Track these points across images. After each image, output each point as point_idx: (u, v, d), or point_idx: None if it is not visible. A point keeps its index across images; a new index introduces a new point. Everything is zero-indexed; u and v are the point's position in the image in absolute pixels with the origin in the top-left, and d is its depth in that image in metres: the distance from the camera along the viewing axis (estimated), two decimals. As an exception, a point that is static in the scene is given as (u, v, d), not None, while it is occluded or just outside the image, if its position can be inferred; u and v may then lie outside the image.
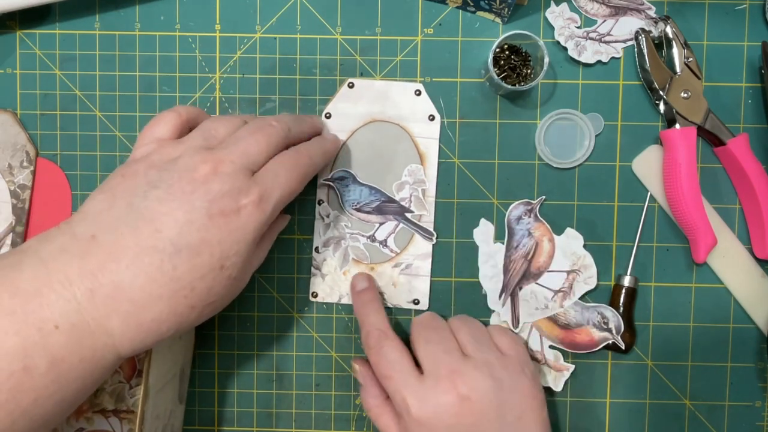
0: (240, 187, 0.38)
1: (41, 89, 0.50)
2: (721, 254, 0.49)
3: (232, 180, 0.37)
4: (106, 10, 0.50)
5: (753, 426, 0.50)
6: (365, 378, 0.46)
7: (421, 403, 0.41)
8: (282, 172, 0.40)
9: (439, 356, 0.43)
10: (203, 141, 0.40)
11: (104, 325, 0.35)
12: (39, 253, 0.36)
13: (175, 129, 0.41)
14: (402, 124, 0.50)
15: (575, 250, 0.49)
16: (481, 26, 0.50)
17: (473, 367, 0.42)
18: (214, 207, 0.37)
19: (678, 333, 0.50)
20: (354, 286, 0.48)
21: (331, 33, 0.50)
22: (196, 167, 0.37)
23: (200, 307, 0.37)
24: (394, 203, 0.50)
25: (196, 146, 0.39)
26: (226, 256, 0.37)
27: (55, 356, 0.34)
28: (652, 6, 0.49)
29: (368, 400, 0.46)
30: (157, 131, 0.41)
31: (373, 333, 0.45)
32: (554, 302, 0.49)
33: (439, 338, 0.44)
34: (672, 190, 0.47)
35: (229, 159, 0.38)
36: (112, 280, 0.35)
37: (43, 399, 0.34)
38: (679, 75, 0.48)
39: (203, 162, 0.38)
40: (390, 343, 0.44)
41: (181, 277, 0.36)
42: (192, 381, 0.51)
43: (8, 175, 0.49)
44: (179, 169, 0.38)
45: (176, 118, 0.41)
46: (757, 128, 0.50)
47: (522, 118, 0.50)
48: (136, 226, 0.36)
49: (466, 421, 0.41)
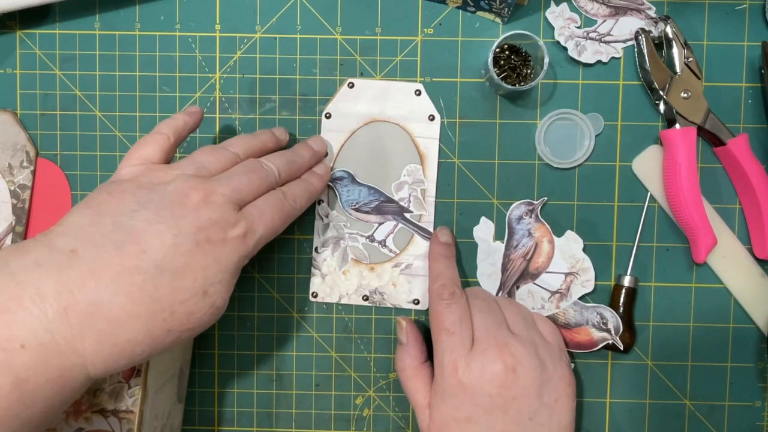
0: (228, 219, 0.38)
1: (41, 89, 0.50)
2: (721, 254, 0.49)
3: (221, 211, 0.38)
4: (106, 10, 0.50)
5: (753, 426, 0.50)
6: (410, 336, 0.47)
7: (470, 368, 0.42)
8: (268, 211, 0.40)
9: (490, 327, 0.43)
10: (195, 170, 0.40)
11: (75, 345, 0.34)
12: (9, 266, 0.34)
13: (163, 152, 0.42)
14: (402, 124, 0.50)
15: (574, 253, 0.49)
16: (481, 26, 0.50)
17: (521, 343, 0.43)
18: (202, 234, 0.37)
19: (678, 333, 0.50)
20: (437, 235, 0.48)
21: (331, 33, 0.50)
22: (188, 194, 0.38)
23: (177, 331, 0.37)
24: (393, 203, 0.50)
25: (187, 174, 0.39)
26: (210, 283, 0.37)
27: (19, 376, 0.32)
28: (652, 6, 0.49)
29: (405, 359, 0.46)
30: (146, 152, 0.41)
31: (449, 286, 0.45)
32: (551, 303, 0.49)
33: (490, 310, 0.45)
34: (672, 190, 0.47)
35: (219, 191, 0.38)
36: (90, 298, 0.34)
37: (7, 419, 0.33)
38: (679, 75, 0.48)
39: (194, 189, 0.38)
40: (462, 301, 0.45)
41: (161, 299, 0.35)
42: (192, 381, 0.51)
43: (8, 175, 0.50)
44: (170, 193, 0.38)
45: (165, 141, 0.42)
46: (757, 128, 0.49)
47: (522, 118, 0.50)
48: (121, 245, 0.35)
49: (507, 394, 0.42)
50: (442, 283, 0.45)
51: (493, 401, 0.42)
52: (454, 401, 0.42)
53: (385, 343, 0.51)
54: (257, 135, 0.46)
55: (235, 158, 0.42)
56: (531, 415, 0.42)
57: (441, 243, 0.48)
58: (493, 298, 0.47)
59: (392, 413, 0.51)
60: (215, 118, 0.50)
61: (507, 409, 0.42)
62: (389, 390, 0.51)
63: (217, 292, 0.38)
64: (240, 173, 0.41)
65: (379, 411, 0.51)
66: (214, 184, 0.39)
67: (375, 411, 0.51)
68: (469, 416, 0.42)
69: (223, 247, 0.37)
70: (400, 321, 0.48)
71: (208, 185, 0.39)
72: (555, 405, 0.43)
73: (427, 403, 0.44)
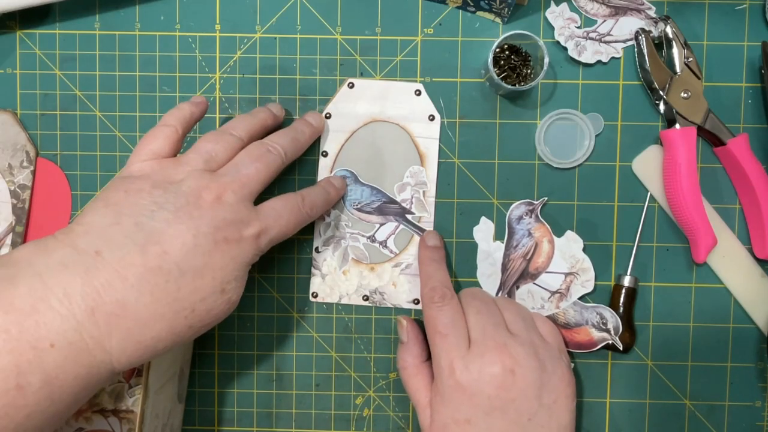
0: (243, 219, 0.39)
1: (41, 89, 0.50)
2: (721, 254, 0.49)
3: (236, 210, 0.39)
4: (106, 10, 0.50)
5: (753, 426, 0.50)
6: (410, 335, 0.47)
7: (468, 369, 0.42)
8: (284, 214, 0.42)
9: (488, 328, 0.43)
10: (204, 164, 0.41)
11: (102, 344, 0.35)
12: (35, 267, 0.35)
13: (172, 144, 0.42)
14: (402, 124, 0.50)
15: (574, 253, 0.49)
16: (481, 26, 0.50)
17: (520, 344, 0.43)
18: (220, 234, 0.38)
19: (678, 333, 0.50)
20: (424, 240, 0.49)
21: (331, 33, 0.50)
22: (201, 194, 0.39)
23: (198, 327, 0.38)
24: (395, 204, 0.50)
25: (198, 170, 0.40)
26: (227, 280, 0.39)
27: (49, 374, 0.33)
28: (652, 6, 0.49)
29: (406, 358, 0.46)
30: (155, 147, 0.41)
31: (439, 289, 0.45)
32: (551, 303, 0.49)
33: (489, 311, 0.44)
34: (672, 190, 0.47)
35: (230, 189, 0.40)
36: (116, 298, 0.35)
37: (35, 414, 0.33)
38: (679, 75, 0.48)
39: (207, 189, 0.39)
40: (454, 303, 0.45)
41: (183, 298, 0.37)
42: (192, 381, 0.51)
43: (8, 175, 0.49)
44: (185, 193, 0.39)
45: (173, 133, 0.42)
46: (757, 128, 0.49)
47: (522, 118, 0.50)
48: (143, 246, 0.36)
49: (506, 395, 0.42)
50: (432, 286, 0.45)
51: (492, 402, 0.42)
52: (453, 403, 0.42)
53: (385, 343, 0.51)
54: (256, 114, 0.46)
55: (239, 143, 0.43)
56: (530, 416, 0.42)
57: (429, 247, 0.48)
58: (491, 298, 0.46)
59: (392, 413, 0.51)
60: (215, 118, 0.50)
61: (506, 411, 0.42)
62: (389, 390, 0.51)
63: (233, 289, 0.39)
64: (247, 164, 0.41)
65: (379, 411, 0.51)
66: (224, 179, 0.40)
67: (375, 411, 0.51)
68: (469, 418, 0.42)
69: (238, 245, 0.39)
70: (401, 320, 0.48)
71: (219, 182, 0.40)
72: (554, 406, 0.43)
73: (428, 402, 0.44)
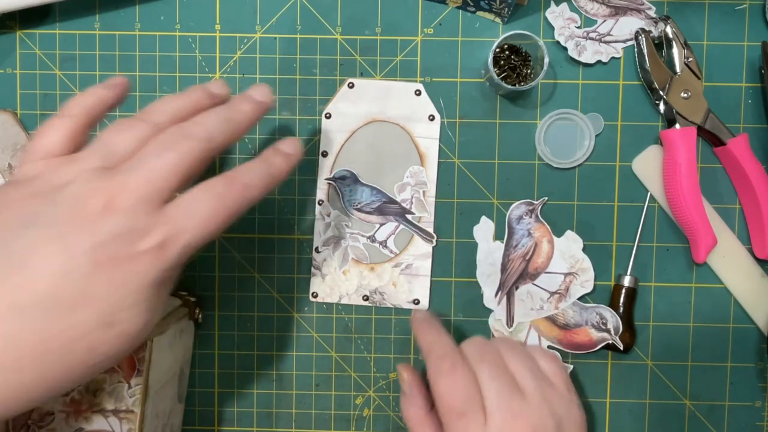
0: (139, 228, 0.30)
1: (41, 89, 0.50)
2: (721, 254, 0.49)
3: (131, 218, 0.30)
4: (106, 10, 0.50)
5: (753, 426, 0.50)
6: (412, 387, 0.44)
7: None
8: (202, 206, 0.32)
9: (503, 396, 0.40)
10: (101, 160, 0.32)
11: None
12: None
13: (69, 139, 0.34)
14: (402, 124, 0.50)
15: (574, 253, 0.49)
16: (481, 26, 0.50)
17: (536, 407, 0.40)
18: (103, 252, 0.30)
19: (678, 333, 0.50)
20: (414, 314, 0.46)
21: (331, 33, 0.50)
22: (86, 200, 0.30)
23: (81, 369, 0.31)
24: (396, 204, 0.50)
25: (91, 169, 0.32)
26: (116, 311, 0.30)
27: None
28: (652, 6, 0.49)
29: (411, 409, 0.44)
30: (47, 143, 0.33)
31: (446, 356, 0.41)
32: (550, 303, 0.49)
33: (498, 373, 0.41)
34: (672, 190, 0.47)
35: (126, 189, 0.31)
36: None
37: None
38: (679, 75, 0.48)
39: (95, 193, 0.30)
40: (465, 370, 0.40)
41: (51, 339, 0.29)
42: (192, 381, 0.51)
43: (8, 175, 0.50)
44: (65, 201, 0.30)
45: (69, 123, 0.34)
46: (757, 128, 0.49)
47: (522, 118, 0.50)
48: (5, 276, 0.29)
49: None
50: (439, 355, 0.41)
51: None
52: None
53: (385, 343, 0.51)
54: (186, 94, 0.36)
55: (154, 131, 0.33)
56: None
57: (420, 318, 0.45)
58: (495, 350, 0.43)
59: (392, 413, 0.51)
60: (215, 118, 0.50)
61: None
62: (389, 390, 0.51)
63: (127, 319, 0.31)
64: (153, 155, 0.32)
65: (379, 411, 0.51)
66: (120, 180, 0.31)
67: (375, 411, 0.51)
68: None
69: (130, 264, 0.30)
70: (401, 371, 0.45)
71: (113, 182, 0.31)
72: None
73: None
